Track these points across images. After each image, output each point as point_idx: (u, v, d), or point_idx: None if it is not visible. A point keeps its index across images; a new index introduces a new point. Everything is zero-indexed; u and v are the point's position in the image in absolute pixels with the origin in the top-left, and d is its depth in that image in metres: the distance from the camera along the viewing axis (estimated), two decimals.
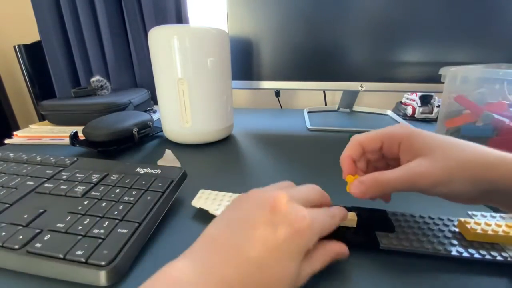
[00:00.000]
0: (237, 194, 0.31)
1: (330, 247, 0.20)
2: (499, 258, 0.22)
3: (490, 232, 0.23)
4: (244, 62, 0.59)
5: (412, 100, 0.71)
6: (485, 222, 0.24)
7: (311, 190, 0.22)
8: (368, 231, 0.25)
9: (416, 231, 0.25)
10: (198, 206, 0.29)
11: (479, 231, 0.23)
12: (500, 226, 0.24)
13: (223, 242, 0.16)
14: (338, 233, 0.23)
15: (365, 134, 0.24)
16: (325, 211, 0.21)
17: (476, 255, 0.22)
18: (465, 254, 0.22)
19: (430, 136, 0.22)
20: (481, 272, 0.22)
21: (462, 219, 0.25)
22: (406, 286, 0.21)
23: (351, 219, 0.24)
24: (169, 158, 0.41)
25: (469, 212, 0.29)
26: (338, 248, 0.20)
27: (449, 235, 0.24)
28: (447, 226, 0.25)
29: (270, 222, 0.17)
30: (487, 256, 0.22)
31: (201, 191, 0.31)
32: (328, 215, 0.21)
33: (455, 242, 0.23)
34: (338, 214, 0.22)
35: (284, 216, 0.17)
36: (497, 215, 0.27)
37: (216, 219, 0.19)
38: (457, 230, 0.25)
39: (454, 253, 0.22)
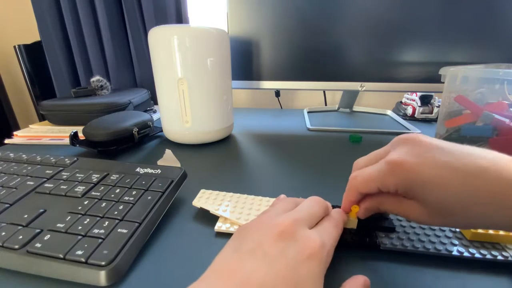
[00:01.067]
0: (238, 194, 0.31)
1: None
2: (500, 257, 0.22)
3: (491, 231, 0.23)
4: (244, 62, 0.59)
5: (412, 100, 0.71)
6: None
7: (313, 204, 0.22)
8: (369, 232, 0.25)
9: (417, 231, 0.25)
10: (199, 206, 0.29)
11: (480, 230, 0.23)
12: None
13: (230, 270, 0.16)
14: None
15: (361, 179, 0.22)
16: (329, 223, 0.21)
17: (477, 255, 0.22)
18: (466, 254, 0.22)
19: (425, 182, 0.19)
20: (482, 272, 0.22)
21: None
22: (408, 286, 0.21)
23: (352, 220, 0.24)
24: (169, 158, 0.41)
25: None
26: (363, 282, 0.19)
27: (450, 234, 0.24)
28: None
29: (278, 247, 0.17)
30: (488, 256, 0.22)
31: (201, 191, 0.31)
32: (333, 226, 0.21)
33: (456, 242, 0.23)
34: (340, 220, 0.22)
35: (293, 242, 0.17)
36: None
37: (223, 250, 0.19)
38: (457, 229, 0.25)
39: (455, 253, 0.22)
